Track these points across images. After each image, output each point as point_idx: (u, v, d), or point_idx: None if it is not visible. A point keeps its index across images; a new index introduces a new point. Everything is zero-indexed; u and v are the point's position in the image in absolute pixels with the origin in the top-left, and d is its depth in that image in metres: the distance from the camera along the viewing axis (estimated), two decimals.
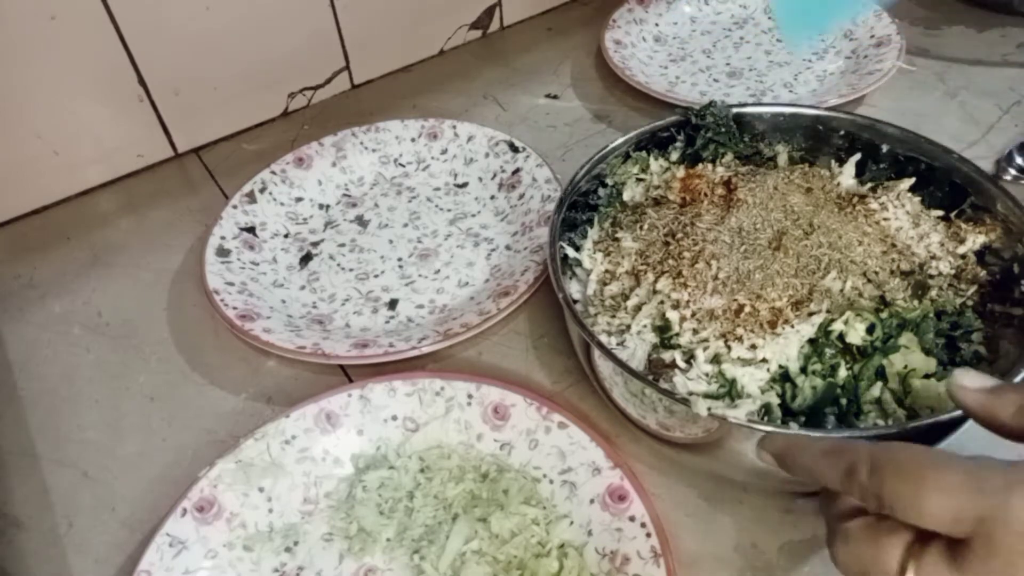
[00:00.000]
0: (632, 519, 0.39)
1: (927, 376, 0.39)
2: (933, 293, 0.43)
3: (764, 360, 0.39)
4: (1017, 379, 0.36)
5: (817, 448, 0.31)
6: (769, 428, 0.36)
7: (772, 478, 0.41)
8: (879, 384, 0.39)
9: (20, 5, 0.55)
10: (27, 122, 0.60)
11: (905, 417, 0.38)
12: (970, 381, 0.30)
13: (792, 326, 0.40)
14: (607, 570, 0.39)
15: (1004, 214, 0.44)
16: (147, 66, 0.62)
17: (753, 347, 0.39)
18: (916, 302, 0.42)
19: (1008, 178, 0.58)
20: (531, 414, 0.44)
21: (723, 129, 0.52)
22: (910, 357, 0.40)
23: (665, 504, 0.42)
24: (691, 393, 0.38)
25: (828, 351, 0.39)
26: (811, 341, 0.40)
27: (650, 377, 0.40)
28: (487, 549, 0.40)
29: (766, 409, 0.38)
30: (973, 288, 0.43)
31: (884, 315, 0.41)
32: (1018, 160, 0.59)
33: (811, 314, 0.40)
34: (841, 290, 0.42)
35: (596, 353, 0.40)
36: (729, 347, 0.39)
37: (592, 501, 0.41)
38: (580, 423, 0.43)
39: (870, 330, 0.40)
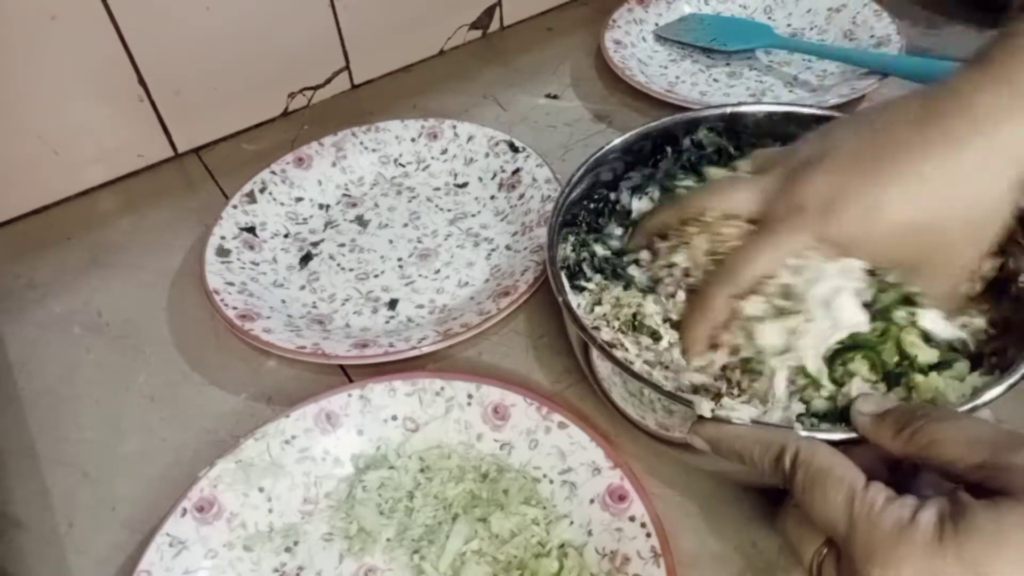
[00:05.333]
0: (632, 519, 0.39)
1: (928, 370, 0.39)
2: None
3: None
4: (1014, 379, 0.36)
5: (752, 435, 0.34)
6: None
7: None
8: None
9: (20, 5, 0.55)
10: (27, 122, 0.60)
11: None
12: (864, 406, 0.34)
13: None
14: (607, 570, 0.39)
15: None
16: (147, 66, 0.62)
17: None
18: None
19: None
20: (531, 414, 0.44)
21: (711, 148, 0.52)
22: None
23: (665, 504, 0.42)
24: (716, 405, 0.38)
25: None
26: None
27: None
28: (487, 549, 0.40)
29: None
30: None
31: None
32: None
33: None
34: None
35: (595, 353, 0.40)
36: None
37: (592, 501, 0.41)
38: (580, 423, 0.43)
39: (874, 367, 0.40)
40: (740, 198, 0.41)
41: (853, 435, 0.35)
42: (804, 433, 0.34)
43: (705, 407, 0.35)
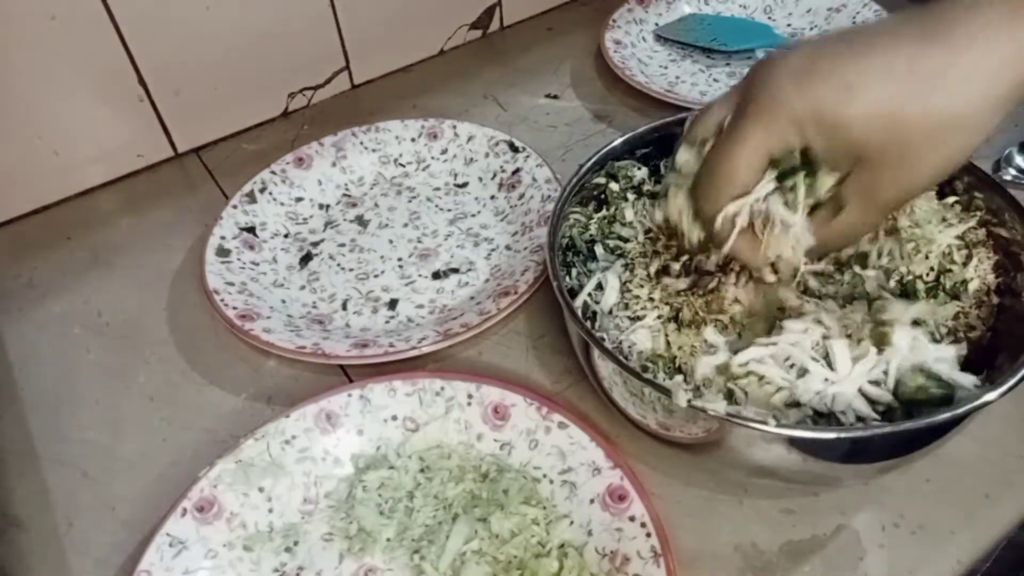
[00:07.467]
0: (632, 519, 0.39)
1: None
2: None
3: None
4: (1011, 382, 0.36)
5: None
6: (757, 425, 0.35)
7: (772, 478, 0.41)
8: None
9: (20, 5, 0.55)
10: (27, 122, 0.60)
11: (903, 415, 0.38)
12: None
13: None
14: (607, 570, 0.39)
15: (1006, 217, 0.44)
16: (147, 66, 0.62)
17: None
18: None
19: (1008, 178, 0.58)
20: (531, 414, 0.44)
21: None
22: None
23: (665, 504, 0.42)
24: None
25: None
26: None
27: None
28: (487, 549, 0.40)
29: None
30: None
31: None
32: (1018, 160, 0.59)
33: None
34: None
35: (595, 353, 0.40)
36: None
37: (592, 501, 0.41)
38: (580, 423, 0.43)
39: None
40: (717, 110, 0.38)
41: (844, 434, 0.35)
42: (785, 431, 0.34)
43: (682, 397, 0.35)
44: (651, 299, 0.44)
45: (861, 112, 0.33)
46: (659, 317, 0.43)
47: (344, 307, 0.55)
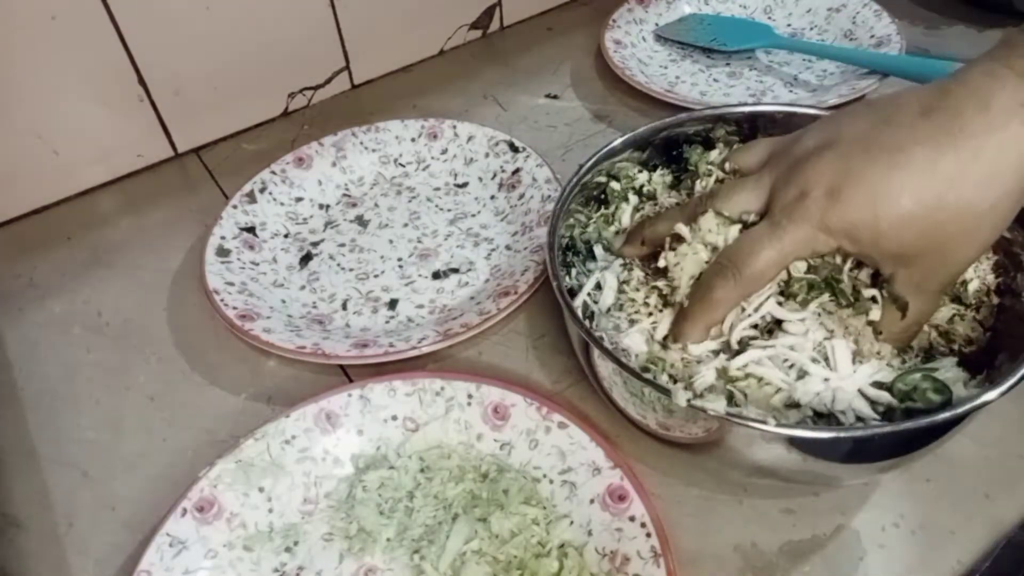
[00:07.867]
0: (632, 519, 0.39)
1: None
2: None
3: None
4: (1011, 382, 0.36)
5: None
6: (757, 424, 0.35)
7: (772, 478, 0.41)
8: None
9: (20, 5, 0.55)
10: (27, 122, 0.60)
11: (902, 415, 0.38)
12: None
13: None
14: (607, 570, 0.39)
15: None
16: (147, 66, 0.62)
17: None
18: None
19: None
20: (531, 414, 0.44)
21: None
22: None
23: (665, 504, 0.42)
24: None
25: None
26: None
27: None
28: (487, 549, 0.40)
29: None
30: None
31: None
32: None
33: None
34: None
35: (595, 353, 0.40)
36: None
37: (592, 501, 0.41)
38: (580, 423, 0.43)
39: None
40: (744, 198, 0.41)
41: (844, 434, 0.35)
42: (785, 431, 0.35)
43: (681, 397, 0.35)
44: (646, 303, 0.44)
45: (895, 223, 0.35)
46: (654, 323, 0.43)
47: (344, 307, 0.55)
